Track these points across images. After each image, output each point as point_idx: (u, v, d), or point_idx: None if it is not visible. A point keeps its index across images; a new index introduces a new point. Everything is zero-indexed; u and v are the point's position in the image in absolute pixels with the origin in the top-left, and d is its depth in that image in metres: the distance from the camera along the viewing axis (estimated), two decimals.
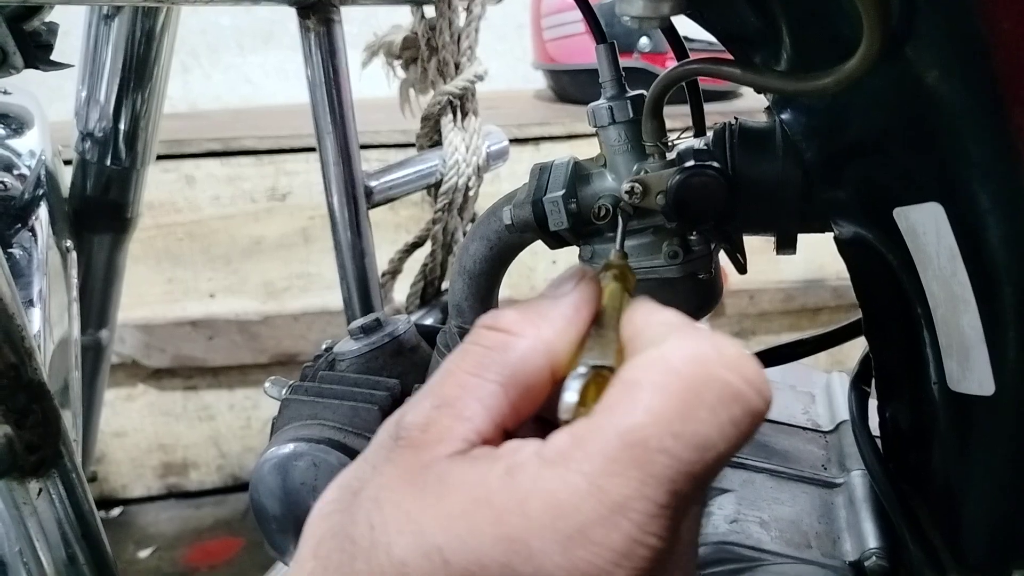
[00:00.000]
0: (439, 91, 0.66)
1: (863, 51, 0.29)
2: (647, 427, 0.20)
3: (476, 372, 0.23)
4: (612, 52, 0.40)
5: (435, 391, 0.23)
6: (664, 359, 0.21)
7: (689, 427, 0.20)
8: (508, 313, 0.25)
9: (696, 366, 0.21)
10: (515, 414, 0.23)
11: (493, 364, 0.23)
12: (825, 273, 1.42)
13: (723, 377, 0.21)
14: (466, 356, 0.24)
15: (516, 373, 0.23)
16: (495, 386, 0.23)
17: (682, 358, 0.21)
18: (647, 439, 0.20)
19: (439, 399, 0.23)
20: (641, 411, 0.20)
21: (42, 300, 0.60)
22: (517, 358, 0.23)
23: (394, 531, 0.21)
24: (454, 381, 0.23)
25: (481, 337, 0.24)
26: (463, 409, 0.23)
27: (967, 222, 0.31)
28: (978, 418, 0.34)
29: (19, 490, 0.44)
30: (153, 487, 1.55)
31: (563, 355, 0.24)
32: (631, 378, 0.21)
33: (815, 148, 0.35)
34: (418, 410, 0.23)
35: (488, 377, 0.23)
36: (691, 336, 0.22)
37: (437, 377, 0.24)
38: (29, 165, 0.67)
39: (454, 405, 0.23)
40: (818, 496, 0.42)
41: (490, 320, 0.25)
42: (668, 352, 0.21)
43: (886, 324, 0.38)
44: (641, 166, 0.38)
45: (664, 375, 0.21)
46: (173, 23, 0.71)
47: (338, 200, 0.65)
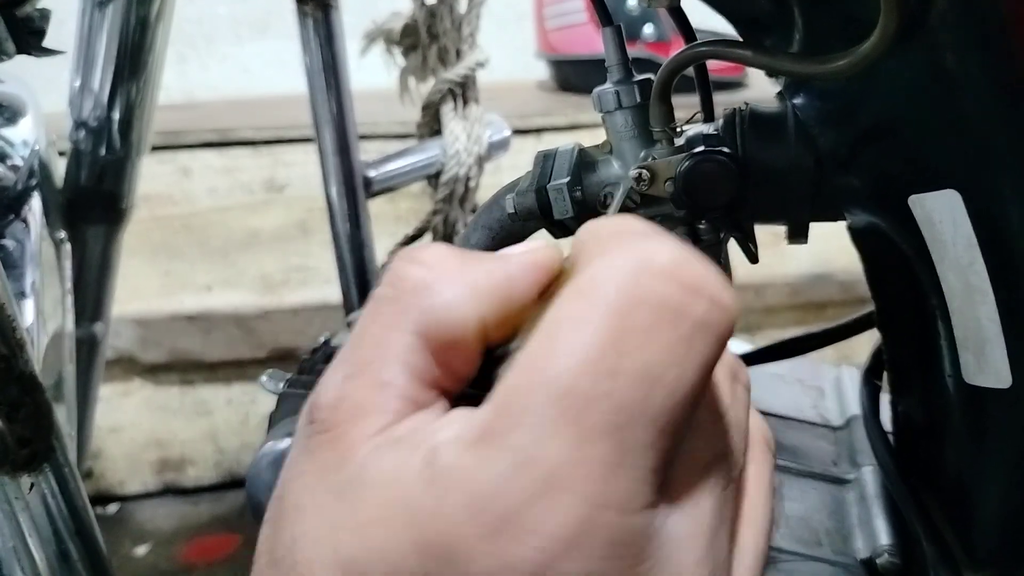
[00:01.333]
0: (439, 79, 0.65)
1: (879, 32, 0.29)
2: (575, 371, 0.16)
3: (390, 323, 0.19)
4: (619, 35, 0.39)
5: (347, 357, 0.19)
6: (586, 286, 0.17)
7: (626, 360, 0.16)
8: (433, 247, 0.20)
9: (622, 285, 0.17)
10: (448, 372, 0.19)
11: (411, 311, 0.19)
12: (832, 267, 1.41)
13: (656, 291, 0.17)
14: (379, 306, 0.19)
15: (440, 321, 0.19)
16: (413, 337, 0.19)
17: (605, 280, 0.17)
18: (576, 386, 0.16)
19: (351, 366, 0.19)
20: (565, 354, 0.16)
21: (35, 292, 0.59)
22: (441, 303, 0.19)
23: (312, 545, 0.18)
24: (367, 340, 0.19)
25: (397, 277, 0.19)
26: (379, 373, 0.19)
27: (985, 210, 0.31)
28: (994, 412, 0.33)
29: (11, 485, 0.43)
30: (150, 483, 1.54)
31: (497, 316, 0.19)
32: (552, 317, 0.17)
33: (828, 133, 0.35)
34: (329, 384, 0.19)
35: (405, 327, 0.19)
36: (619, 250, 0.17)
37: (351, 339, 0.20)
38: (22, 155, 0.66)
39: (368, 370, 0.19)
40: (828, 492, 0.41)
41: (410, 253, 0.20)
42: (591, 276, 0.17)
43: (900, 316, 0.37)
44: (649, 152, 0.38)
45: (587, 305, 0.17)
46: (168, 10, 0.70)
47: (336, 190, 0.64)
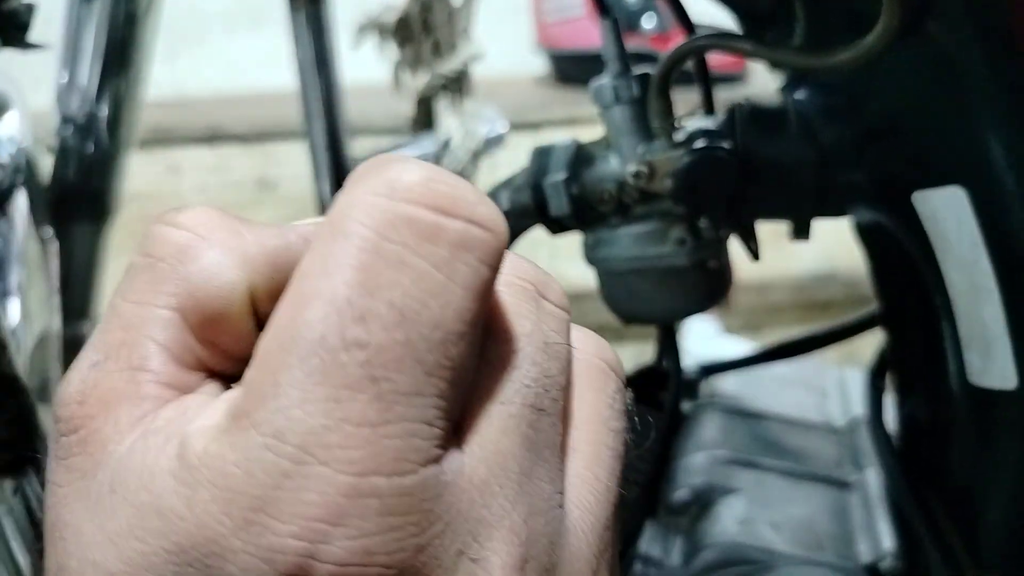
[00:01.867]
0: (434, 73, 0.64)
1: (882, 25, 0.28)
2: (320, 323, 0.14)
3: (143, 298, 0.16)
4: (617, 28, 0.38)
5: (95, 341, 0.16)
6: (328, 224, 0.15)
7: (376, 299, 0.14)
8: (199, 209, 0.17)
9: (365, 217, 0.14)
10: (216, 351, 0.16)
11: (166, 282, 0.16)
12: (836, 267, 1.41)
13: (405, 214, 0.14)
14: (133, 277, 0.16)
15: (200, 291, 0.16)
16: (169, 313, 0.16)
17: (347, 215, 0.15)
18: (324, 336, 0.14)
19: (98, 351, 0.16)
20: (308, 303, 0.14)
21: (20, 291, 0.58)
22: (201, 270, 0.16)
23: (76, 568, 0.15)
24: (117, 320, 0.16)
25: (154, 242, 0.16)
26: (131, 356, 0.16)
27: (991, 207, 0.30)
28: (1000, 413, 0.33)
29: None
30: None
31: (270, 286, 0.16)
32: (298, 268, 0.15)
33: (831, 129, 0.34)
34: (74, 374, 0.16)
35: (158, 301, 0.16)
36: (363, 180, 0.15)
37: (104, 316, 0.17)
38: (8, 152, 0.65)
39: (118, 355, 0.16)
40: (831, 496, 0.41)
41: (172, 215, 0.17)
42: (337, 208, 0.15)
43: (904, 315, 0.37)
44: (647, 148, 0.37)
45: (329, 246, 0.14)
46: (156, 5, 0.69)
47: (328, 187, 0.63)
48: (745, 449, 0.43)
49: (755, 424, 0.46)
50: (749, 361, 0.49)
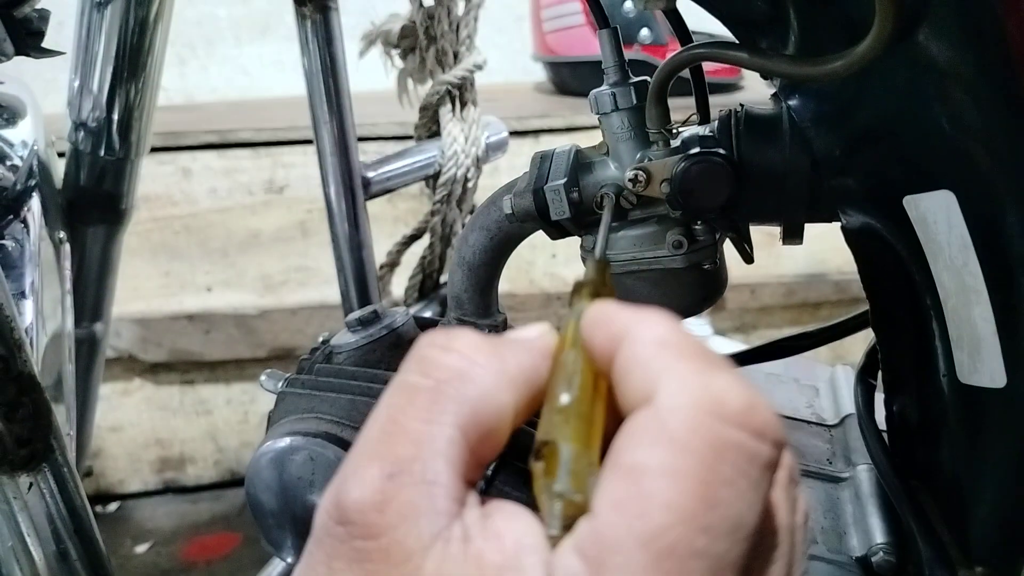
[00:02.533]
0: (438, 81, 0.65)
1: (875, 34, 0.29)
2: (672, 528, 0.16)
3: (430, 417, 0.18)
4: (615, 37, 0.39)
5: (381, 452, 0.18)
6: (665, 428, 0.17)
7: (716, 514, 0.17)
8: (463, 334, 0.20)
9: (705, 434, 0.17)
10: (476, 463, 0.19)
11: (449, 402, 0.19)
12: (827, 267, 1.42)
13: (736, 440, 0.17)
14: (415, 396, 0.19)
15: (478, 413, 0.19)
16: (454, 431, 0.18)
17: (686, 425, 0.17)
18: (676, 544, 0.16)
19: (391, 464, 0.18)
20: (659, 509, 0.16)
21: (34, 292, 0.59)
22: (478, 394, 0.19)
23: None
24: (405, 435, 0.18)
25: (431, 365, 0.19)
26: (424, 472, 0.18)
27: (980, 210, 0.31)
28: (988, 411, 0.34)
29: (9, 484, 0.43)
30: (150, 482, 1.54)
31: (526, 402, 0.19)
32: (634, 463, 0.17)
33: (823, 135, 0.35)
34: (365, 483, 0.18)
35: (445, 420, 0.18)
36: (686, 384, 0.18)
37: (377, 428, 0.19)
38: (21, 155, 0.66)
39: (412, 469, 0.18)
40: (824, 491, 0.41)
41: (442, 340, 0.19)
42: (667, 417, 0.17)
43: (894, 316, 0.37)
44: (645, 154, 0.38)
45: (672, 454, 0.17)
46: (167, 11, 0.70)
47: (335, 191, 0.64)
48: None
49: None
50: (742, 359, 0.50)
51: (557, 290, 1.41)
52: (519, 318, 1.41)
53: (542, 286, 1.42)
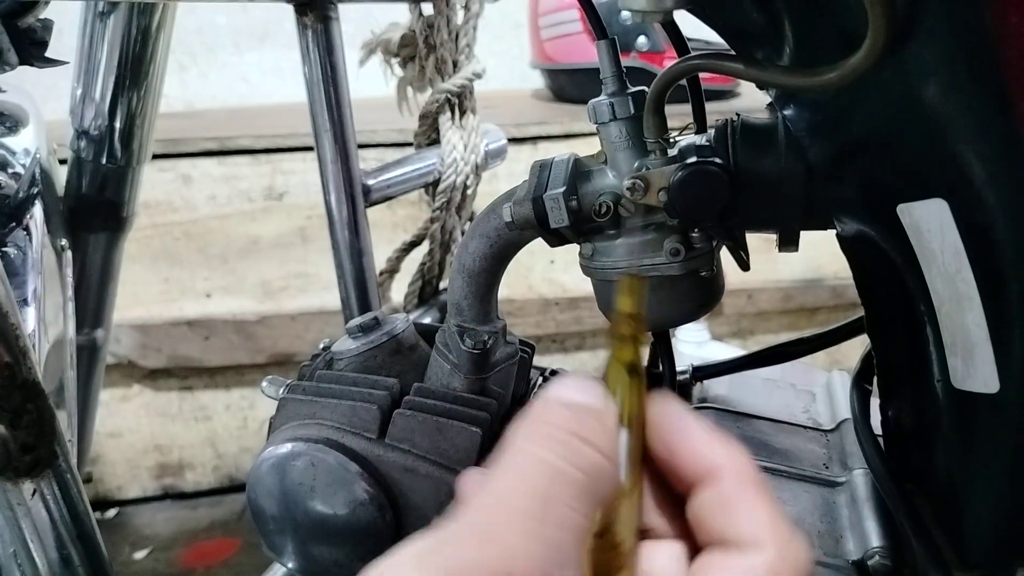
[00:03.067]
0: (437, 89, 0.66)
1: (868, 45, 0.29)
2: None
3: (581, 508, 0.20)
4: (613, 48, 0.39)
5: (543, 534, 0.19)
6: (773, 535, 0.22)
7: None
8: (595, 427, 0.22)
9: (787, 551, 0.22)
10: None
11: (593, 497, 0.21)
12: (823, 273, 1.42)
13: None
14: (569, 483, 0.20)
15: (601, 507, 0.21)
16: (586, 521, 0.21)
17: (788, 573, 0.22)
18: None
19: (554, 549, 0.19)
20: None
21: (37, 299, 0.59)
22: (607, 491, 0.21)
23: None
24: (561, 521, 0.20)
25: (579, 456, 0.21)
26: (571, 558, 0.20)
27: (972, 219, 0.31)
28: (982, 416, 0.34)
29: (13, 491, 0.43)
30: (149, 488, 1.54)
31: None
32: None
33: (818, 144, 0.35)
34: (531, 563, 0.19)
35: (584, 512, 0.20)
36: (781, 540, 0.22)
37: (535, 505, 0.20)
38: (24, 163, 0.66)
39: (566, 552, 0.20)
40: (820, 495, 0.42)
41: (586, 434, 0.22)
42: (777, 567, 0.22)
43: (889, 321, 0.37)
44: (642, 163, 0.38)
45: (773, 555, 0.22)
46: (169, 20, 0.70)
47: (336, 198, 0.64)
48: None
49: (745, 425, 0.46)
50: (740, 365, 0.50)
51: (555, 296, 1.41)
52: (517, 324, 1.41)
53: (540, 292, 1.42)
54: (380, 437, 0.43)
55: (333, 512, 0.42)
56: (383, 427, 0.43)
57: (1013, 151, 0.30)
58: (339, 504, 0.42)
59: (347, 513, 0.42)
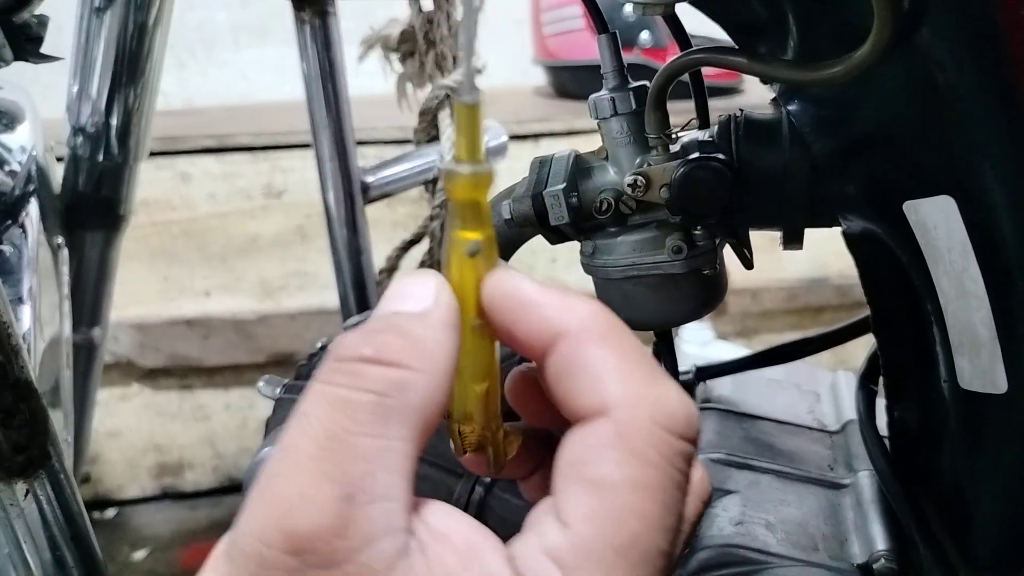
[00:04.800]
0: (437, 85, 0.65)
1: (873, 39, 0.29)
2: (645, 535, 0.19)
3: (377, 431, 0.18)
4: (614, 42, 0.39)
5: (327, 471, 0.17)
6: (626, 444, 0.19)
7: (672, 514, 0.19)
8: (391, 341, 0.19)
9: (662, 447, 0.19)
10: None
11: (396, 415, 0.18)
12: (828, 272, 1.42)
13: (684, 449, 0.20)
14: (356, 412, 0.18)
15: (425, 419, 0.19)
16: (405, 444, 0.18)
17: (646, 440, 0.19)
18: (648, 548, 0.19)
19: (344, 484, 0.17)
20: (633, 519, 0.18)
21: (32, 298, 0.59)
22: (421, 400, 0.19)
23: None
24: (353, 452, 0.18)
25: (364, 379, 0.19)
26: (379, 488, 0.18)
27: (980, 216, 0.31)
28: (990, 417, 0.33)
29: (5, 491, 0.43)
30: (148, 488, 1.54)
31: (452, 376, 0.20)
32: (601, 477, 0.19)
33: (823, 140, 0.35)
34: (321, 507, 0.17)
35: (395, 434, 0.18)
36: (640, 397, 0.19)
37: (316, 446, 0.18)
38: (20, 161, 0.66)
39: (368, 488, 0.17)
40: (825, 497, 0.41)
41: (372, 352, 0.19)
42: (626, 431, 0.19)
43: (895, 321, 0.37)
44: (644, 159, 0.38)
45: (637, 468, 0.19)
46: (166, 16, 0.70)
47: (334, 196, 0.64)
48: (740, 451, 0.43)
49: (750, 426, 0.46)
50: (744, 364, 0.50)
51: None
52: None
53: None
54: None
55: None
56: None
57: (1021, 146, 0.29)
58: None
59: None
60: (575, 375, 0.20)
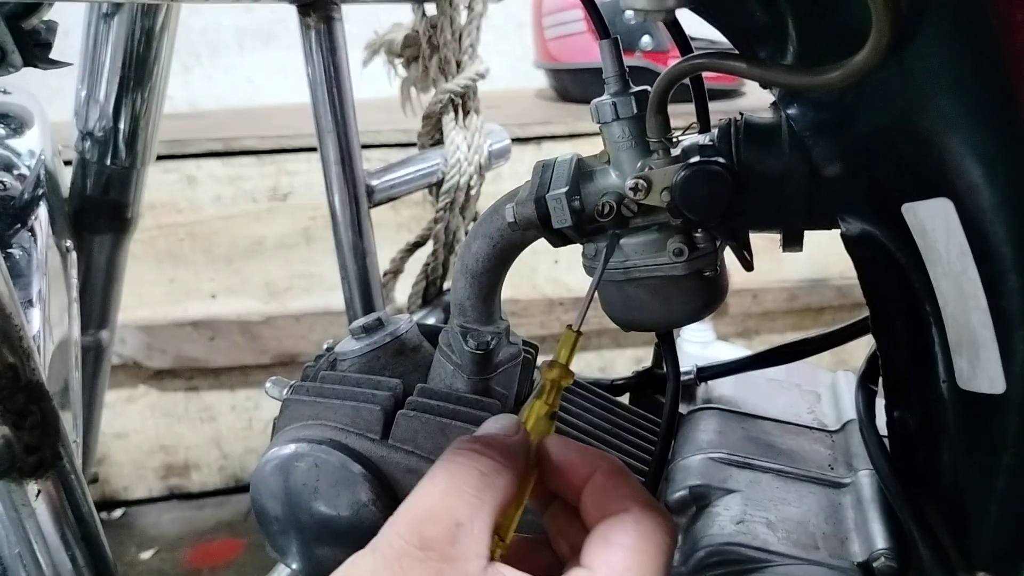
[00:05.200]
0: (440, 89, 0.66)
1: (871, 44, 0.29)
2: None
3: (480, 494, 0.29)
4: (616, 47, 0.39)
5: (450, 506, 0.28)
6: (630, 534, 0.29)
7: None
8: (496, 439, 0.31)
9: (661, 547, 0.30)
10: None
11: (491, 489, 0.29)
12: (829, 272, 1.42)
13: (669, 547, 0.30)
14: (470, 476, 0.29)
15: (503, 500, 0.29)
16: (492, 508, 0.29)
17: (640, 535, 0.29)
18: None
19: (459, 517, 0.28)
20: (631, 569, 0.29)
21: (41, 300, 0.60)
22: (504, 487, 0.29)
23: None
24: (465, 501, 0.28)
25: (478, 459, 0.30)
26: (477, 528, 0.28)
27: (978, 218, 0.31)
28: (988, 417, 0.34)
29: (17, 492, 0.44)
30: (155, 488, 1.54)
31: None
32: (616, 541, 0.29)
33: (822, 143, 0.35)
34: (442, 525, 0.28)
35: (487, 499, 0.29)
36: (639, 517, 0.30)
37: (442, 489, 0.29)
38: (29, 165, 0.66)
39: (472, 525, 0.28)
40: (825, 496, 0.42)
41: (487, 442, 0.30)
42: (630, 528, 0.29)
43: (894, 322, 0.37)
44: (645, 162, 0.38)
45: (639, 543, 0.29)
46: (173, 22, 0.71)
47: (339, 199, 0.65)
48: (741, 450, 0.44)
49: (751, 426, 0.46)
50: (744, 365, 0.50)
51: (559, 296, 1.41)
52: (522, 324, 1.41)
53: (545, 292, 1.42)
54: (383, 438, 0.43)
55: (336, 513, 0.42)
56: (386, 428, 0.43)
57: (1018, 150, 0.30)
58: (343, 505, 0.42)
59: (351, 514, 0.42)
60: (604, 495, 0.31)
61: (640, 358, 1.41)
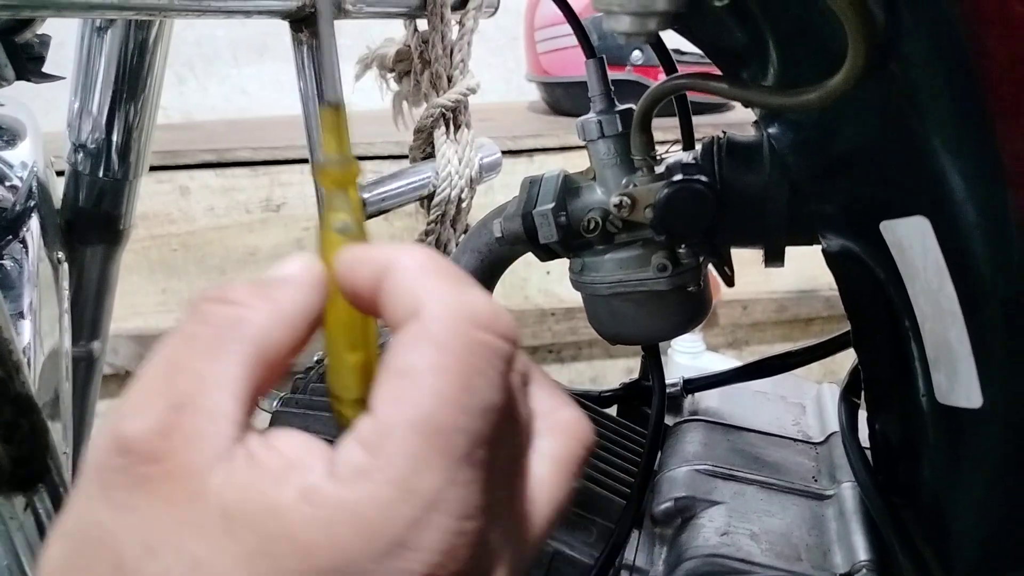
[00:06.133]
0: (432, 104, 0.66)
1: (848, 67, 0.30)
2: (439, 411, 0.19)
3: (212, 356, 0.20)
4: (601, 67, 0.40)
5: (161, 388, 0.20)
6: (430, 336, 0.20)
7: (474, 397, 0.20)
8: (237, 287, 0.22)
9: (462, 336, 0.20)
10: (264, 391, 0.22)
11: (230, 343, 0.20)
12: (818, 284, 1.43)
13: (485, 340, 0.21)
14: (194, 341, 0.21)
15: (258, 349, 0.21)
16: (237, 368, 0.20)
17: (447, 330, 0.20)
18: (442, 423, 0.19)
19: (173, 396, 0.20)
20: (428, 397, 0.20)
21: (32, 312, 0.60)
22: (256, 333, 0.21)
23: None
24: (187, 374, 0.20)
25: (207, 314, 0.21)
26: (209, 403, 0.20)
27: (953, 236, 0.32)
28: (966, 430, 0.34)
29: (5, 505, 0.44)
30: None
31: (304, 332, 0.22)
32: (405, 365, 0.20)
33: (802, 161, 0.36)
34: (148, 414, 0.19)
35: (227, 359, 0.20)
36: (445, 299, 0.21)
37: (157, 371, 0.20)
38: (21, 176, 0.67)
39: (196, 401, 0.20)
40: (808, 508, 0.42)
41: (216, 292, 0.22)
42: (430, 325, 0.20)
43: (874, 336, 0.38)
44: (630, 179, 0.39)
45: (437, 354, 0.20)
46: (166, 35, 0.71)
47: None
48: (726, 462, 0.44)
49: (736, 438, 0.47)
50: (730, 377, 0.50)
51: (551, 307, 1.42)
52: None
53: (536, 302, 1.42)
54: None
55: None
56: None
57: (992, 169, 0.30)
58: None
59: None
60: (398, 298, 0.21)
61: (631, 368, 1.42)
